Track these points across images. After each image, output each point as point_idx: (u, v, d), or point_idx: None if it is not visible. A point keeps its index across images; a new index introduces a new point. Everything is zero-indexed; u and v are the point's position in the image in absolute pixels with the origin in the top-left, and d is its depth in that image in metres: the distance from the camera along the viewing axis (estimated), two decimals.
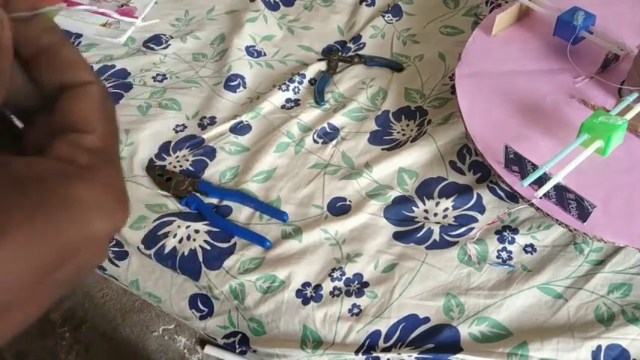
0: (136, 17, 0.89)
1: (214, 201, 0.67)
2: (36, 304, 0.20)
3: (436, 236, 0.62)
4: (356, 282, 0.60)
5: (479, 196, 0.64)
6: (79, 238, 0.19)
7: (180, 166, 0.70)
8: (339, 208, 0.65)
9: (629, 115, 0.56)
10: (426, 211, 0.64)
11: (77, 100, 0.20)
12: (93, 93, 0.20)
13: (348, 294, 0.59)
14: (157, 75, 0.81)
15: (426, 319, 0.57)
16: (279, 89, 0.77)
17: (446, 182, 0.66)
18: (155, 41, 0.86)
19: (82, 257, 0.20)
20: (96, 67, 0.82)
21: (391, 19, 0.85)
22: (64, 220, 0.18)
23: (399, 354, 0.55)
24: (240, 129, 0.74)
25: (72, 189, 0.19)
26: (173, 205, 0.67)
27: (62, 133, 0.20)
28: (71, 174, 0.19)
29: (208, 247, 0.63)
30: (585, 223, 0.53)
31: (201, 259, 0.62)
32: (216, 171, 0.69)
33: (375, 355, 0.55)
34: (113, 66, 0.82)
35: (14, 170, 0.18)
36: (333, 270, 0.61)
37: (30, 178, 0.18)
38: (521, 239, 0.61)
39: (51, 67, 0.20)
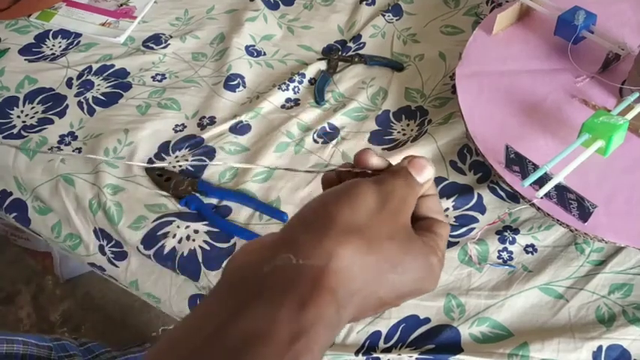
0: (135, 17, 0.88)
1: (214, 201, 0.67)
2: (370, 314, 0.33)
3: None
4: None
5: (479, 196, 0.64)
6: (422, 289, 0.33)
7: (180, 166, 0.70)
8: None
9: (630, 115, 0.56)
10: None
11: (442, 227, 0.35)
12: (448, 228, 0.36)
13: None
14: (157, 74, 0.81)
15: (427, 320, 0.57)
16: (278, 89, 0.77)
17: (446, 182, 0.66)
18: (154, 41, 0.85)
19: (408, 299, 0.33)
20: (95, 66, 0.82)
21: (391, 19, 0.85)
22: (427, 276, 0.33)
23: (400, 355, 0.55)
24: (239, 129, 0.73)
25: (435, 260, 0.33)
26: (172, 205, 0.66)
27: (432, 233, 0.34)
28: (434, 252, 0.33)
29: (208, 248, 0.63)
30: (586, 224, 0.53)
31: (200, 260, 0.62)
32: (215, 171, 0.69)
33: (375, 355, 0.55)
34: (112, 65, 0.82)
35: (419, 243, 0.33)
36: None
37: (424, 248, 0.33)
38: (522, 239, 0.60)
39: (430, 209, 0.35)
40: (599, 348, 0.53)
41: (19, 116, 0.77)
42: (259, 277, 0.29)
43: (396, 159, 0.67)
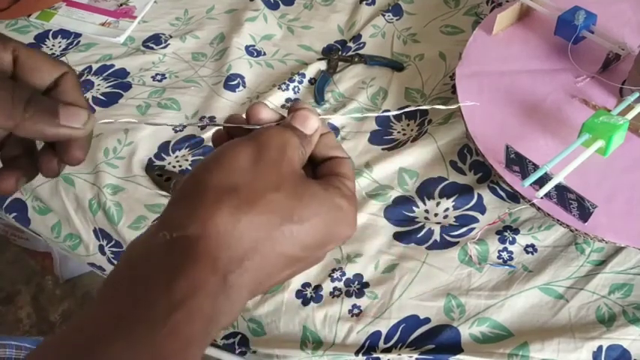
0: (135, 17, 0.88)
1: None
2: (298, 271, 0.32)
3: (437, 236, 0.62)
4: (356, 282, 0.60)
5: (479, 196, 0.64)
6: (335, 234, 0.31)
7: (180, 166, 0.70)
8: None
9: (630, 115, 0.56)
10: (426, 211, 0.64)
11: (343, 165, 0.34)
12: (350, 163, 0.34)
13: (348, 294, 0.59)
14: (157, 74, 0.81)
15: (427, 320, 0.57)
16: (278, 89, 0.76)
17: (446, 182, 0.66)
18: (154, 40, 0.85)
19: (326, 251, 0.32)
20: (95, 66, 0.82)
21: (391, 19, 0.85)
22: (337, 219, 0.31)
23: (400, 355, 0.55)
24: None
25: (342, 202, 0.31)
26: None
27: (334, 175, 0.33)
28: (340, 193, 0.32)
29: None
30: (586, 223, 0.53)
31: None
32: None
33: (375, 355, 0.55)
34: (112, 65, 0.82)
35: (315, 187, 0.31)
36: (333, 270, 0.60)
37: (322, 191, 0.31)
38: (522, 239, 0.60)
39: (327, 145, 0.34)
40: (600, 348, 0.53)
41: None
42: (139, 263, 0.28)
43: (396, 159, 0.67)
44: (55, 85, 0.32)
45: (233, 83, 0.78)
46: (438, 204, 0.64)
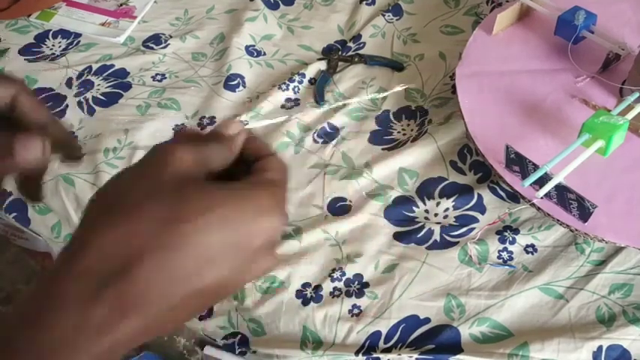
0: (135, 17, 0.88)
1: None
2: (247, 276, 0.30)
3: (437, 236, 0.62)
4: (356, 282, 0.60)
5: (479, 196, 0.64)
6: (255, 228, 0.29)
7: None
8: (339, 209, 0.65)
9: (630, 115, 0.56)
10: (426, 211, 0.64)
11: (265, 161, 0.33)
12: (274, 158, 0.34)
13: (348, 294, 0.59)
14: (157, 74, 0.81)
15: (427, 320, 0.57)
16: (278, 89, 0.76)
17: (446, 182, 0.66)
18: (154, 41, 0.85)
19: (254, 250, 0.29)
20: (95, 66, 0.82)
21: (391, 19, 0.85)
22: (244, 210, 0.29)
23: (400, 355, 0.55)
24: None
25: (251, 192, 0.30)
26: None
27: (253, 171, 0.32)
28: (251, 184, 0.31)
29: None
30: (586, 224, 0.53)
31: None
32: None
33: (375, 355, 0.55)
34: (112, 65, 0.82)
35: (210, 186, 0.30)
36: (333, 270, 0.60)
37: (243, 188, 0.30)
38: (522, 239, 0.60)
39: (253, 149, 0.35)
40: (600, 348, 0.53)
41: None
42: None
43: (396, 159, 0.67)
44: (13, 104, 0.33)
45: (233, 83, 0.78)
46: (438, 204, 0.64)
